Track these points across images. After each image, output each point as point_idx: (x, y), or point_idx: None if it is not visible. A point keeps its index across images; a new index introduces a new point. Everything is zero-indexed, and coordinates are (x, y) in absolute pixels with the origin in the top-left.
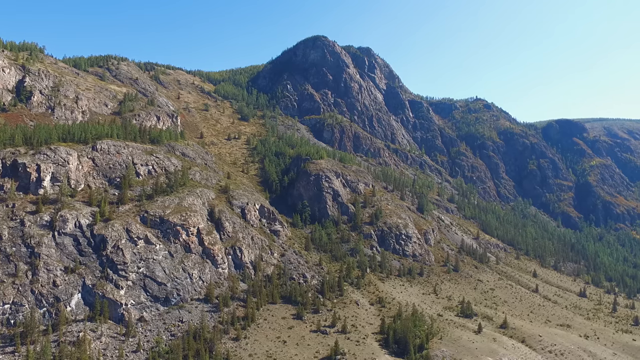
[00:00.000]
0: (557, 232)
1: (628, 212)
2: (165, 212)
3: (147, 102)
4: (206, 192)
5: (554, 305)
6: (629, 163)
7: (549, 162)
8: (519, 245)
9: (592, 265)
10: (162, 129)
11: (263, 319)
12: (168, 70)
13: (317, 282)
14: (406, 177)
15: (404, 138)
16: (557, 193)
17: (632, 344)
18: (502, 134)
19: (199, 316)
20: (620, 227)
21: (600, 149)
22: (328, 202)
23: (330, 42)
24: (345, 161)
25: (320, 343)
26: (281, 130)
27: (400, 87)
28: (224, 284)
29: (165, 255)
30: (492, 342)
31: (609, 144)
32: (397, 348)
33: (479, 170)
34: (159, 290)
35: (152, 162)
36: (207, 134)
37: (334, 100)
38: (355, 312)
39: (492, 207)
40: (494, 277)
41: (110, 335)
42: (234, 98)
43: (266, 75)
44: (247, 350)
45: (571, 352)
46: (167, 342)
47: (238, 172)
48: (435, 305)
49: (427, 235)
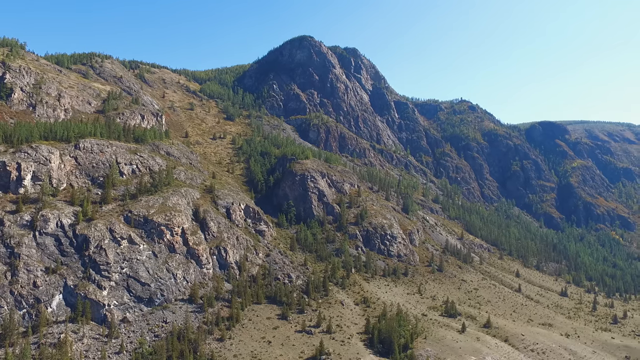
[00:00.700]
0: (540, 233)
1: (608, 213)
2: (149, 211)
3: (132, 101)
4: (191, 191)
5: (536, 304)
6: (609, 165)
7: (532, 164)
8: (503, 246)
9: (573, 265)
10: (146, 128)
11: (248, 320)
12: (153, 68)
13: (302, 282)
14: (391, 177)
15: (390, 139)
16: (540, 194)
17: (611, 342)
18: (486, 135)
19: (183, 317)
20: (600, 228)
21: (581, 150)
22: (313, 202)
23: (316, 42)
24: (330, 161)
25: (305, 343)
26: (267, 130)
27: (386, 87)
28: (209, 284)
29: (149, 256)
30: (476, 342)
31: (590, 146)
32: (382, 348)
33: (463, 171)
34: (143, 291)
35: (136, 161)
36: (192, 134)
37: (320, 100)
38: (340, 312)
39: (476, 208)
40: (478, 277)
41: (92, 336)
42: (220, 97)
43: (252, 75)
44: (231, 351)
45: (552, 350)
46: (151, 343)
47: (223, 171)
48: (420, 305)
49: (411, 235)
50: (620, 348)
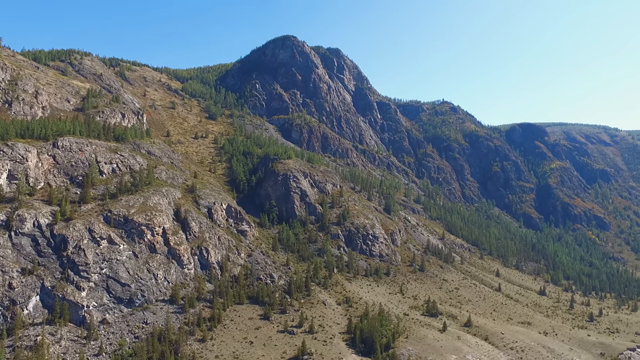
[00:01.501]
0: (519, 233)
1: (585, 213)
2: (129, 211)
3: (112, 99)
4: (172, 191)
5: (516, 303)
6: (586, 166)
7: (512, 165)
8: (483, 246)
9: (552, 265)
10: (127, 126)
11: (230, 320)
12: (134, 66)
13: (284, 283)
14: (373, 177)
15: (372, 139)
16: (520, 194)
17: (587, 339)
18: (467, 136)
19: (164, 317)
20: (577, 228)
21: (560, 152)
22: (296, 202)
23: (299, 42)
24: (313, 161)
25: (287, 343)
26: (249, 130)
27: (369, 88)
28: (190, 284)
29: (129, 256)
30: (457, 340)
31: (568, 148)
32: (364, 347)
33: (444, 171)
34: (123, 292)
35: (117, 160)
36: (174, 133)
37: (302, 100)
38: (323, 312)
39: (457, 208)
40: (459, 277)
41: (70, 338)
42: (202, 96)
43: (235, 74)
44: (213, 352)
45: (531, 348)
46: (131, 344)
47: (205, 171)
48: (402, 304)
49: (393, 235)
50: (596, 345)
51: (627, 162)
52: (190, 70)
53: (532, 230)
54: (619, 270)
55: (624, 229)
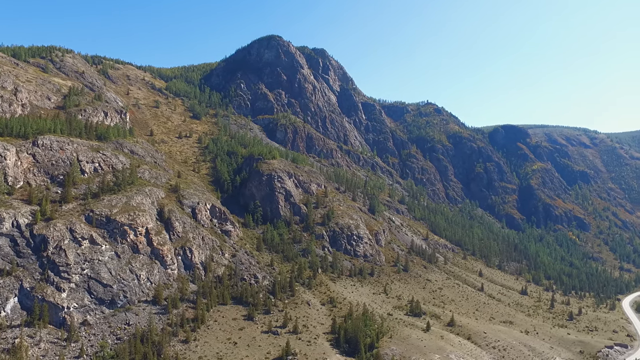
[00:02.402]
0: (502, 233)
1: (565, 214)
2: (112, 211)
3: (94, 97)
4: (155, 191)
5: (498, 303)
6: (566, 168)
7: (494, 166)
8: (466, 246)
9: (533, 265)
10: (109, 125)
11: (213, 321)
12: (117, 64)
13: (268, 283)
14: (358, 178)
15: (357, 140)
16: (502, 195)
17: (567, 337)
18: (451, 137)
19: (147, 318)
20: (558, 228)
21: (541, 153)
22: (280, 203)
23: (285, 42)
24: (297, 162)
25: (271, 344)
26: (234, 130)
27: (354, 89)
28: (173, 285)
29: (111, 256)
30: (440, 340)
31: (549, 150)
32: (348, 347)
33: (428, 172)
34: (105, 293)
35: (99, 159)
36: (158, 132)
37: (287, 100)
38: (307, 313)
39: (441, 209)
40: (442, 277)
41: (50, 340)
42: (186, 96)
43: (219, 74)
44: (196, 353)
45: (513, 347)
46: (113, 346)
47: (189, 171)
48: (386, 304)
49: (378, 236)
50: (575, 343)
51: (606, 164)
52: (175, 69)
53: (515, 231)
54: (598, 269)
55: (603, 230)
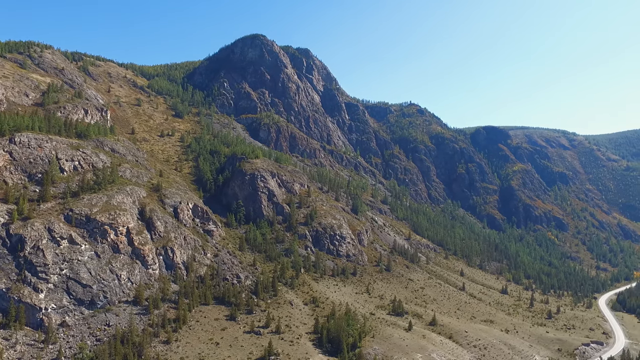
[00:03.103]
0: (483, 233)
1: (545, 214)
2: (92, 210)
3: (74, 94)
4: (137, 190)
5: (479, 302)
6: (546, 169)
7: (476, 167)
8: (448, 246)
9: (513, 264)
10: (90, 123)
11: (195, 321)
12: (98, 61)
13: (251, 283)
14: (341, 178)
15: (340, 140)
16: (484, 196)
17: (546, 335)
18: (433, 138)
19: (128, 319)
20: (538, 229)
21: (522, 155)
22: (263, 202)
23: (269, 41)
24: (281, 161)
25: (254, 344)
26: (217, 129)
27: (337, 89)
28: (155, 285)
29: (91, 256)
30: (422, 339)
31: (530, 151)
32: (331, 347)
33: (411, 172)
34: (84, 293)
35: (79, 157)
36: (139, 130)
37: (271, 99)
38: (289, 312)
39: (423, 209)
40: (424, 277)
41: (26, 342)
42: (169, 94)
43: (202, 72)
44: (178, 354)
45: (493, 345)
46: (92, 347)
47: (171, 170)
48: (368, 304)
49: (360, 235)
50: (554, 341)
51: (584, 165)
52: (157, 66)
53: (495, 231)
54: (576, 269)
55: (581, 230)
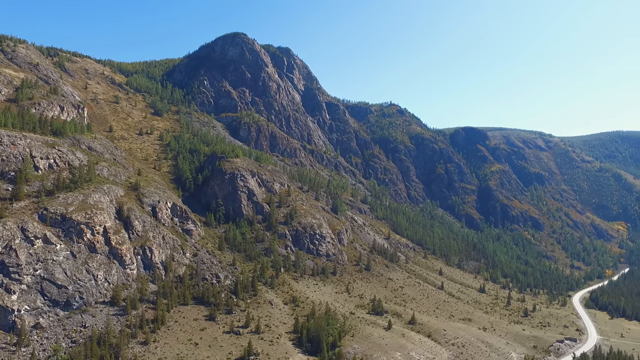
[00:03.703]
0: (461, 233)
1: (522, 214)
2: (67, 209)
3: (50, 91)
4: (114, 188)
5: (457, 301)
6: (523, 170)
7: (455, 167)
8: (427, 245)
9: (491, 263)
10: (66, 120)
11: (174, 321)
12: (74, 57)
13: (230, 283)
14: (321, 177)
15: (320, 139)
16: (462, 196)
17: (522, 333)
18: (413, 138)
19: (104, 320)
20: (515, 228)
21: (500, 155)
22: (243, 202)
23: (249, 40)
24: (261, 160)
25: (233, 344)
26: (196, 127)
27: (318, 89)
28: (132, 285)
29: (67, 256)
30: (401, 338)
31: (507, 152)
32: (311, 346)
33: (391, 172)
34: (59, 294)
35: (54, 155)
36: (117, 128)
37: (251, 98)
38: (269, 312)
39: (403, 209)
40: (404, 276)
41: None
42: (147, 91)
43: (182, 70)
44: (156, 354)
45: (471, 343)
46: (67, 349)
47: (150, 168)
48: (348, 303)
49: (340, 235)
50: (530, 338)
51: (559, 166)
52: (136, 64)
53: (474, 231)
54: (551, 268)
55: (556, 229)
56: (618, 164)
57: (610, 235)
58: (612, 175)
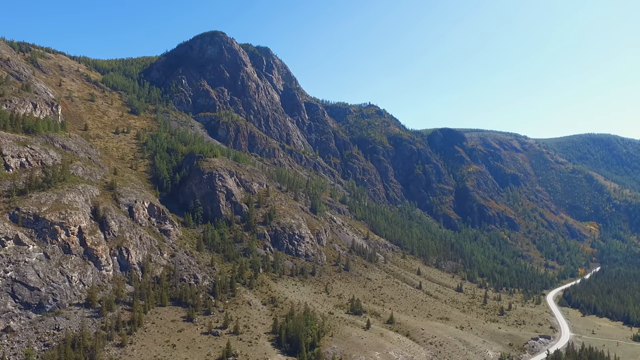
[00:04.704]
0: (439, 233)
1: (498, 214)
2: (40, 209)
3: (22, 87)
4: (90, 188)
5: (435, 300)
6: (499, 171)
7: (433, 168)
8: (405, 245)
9: (468, 263)
10: (39, 118)
11: (151, 323)
12: (48, 53)
13: (208, 283)
14: (300, 178)
15: (299, 139)
16: (440, 196)
17: (498, 331)
18: (392, 139)
19: (79, 322)
20: (491, 228)
21: (477, 157)
22: (221, 202)
23: (228, 38)
24: (239, 160)
25: (211, 345)
26: (174, 126)
27: (297, 89)
28: (109, 286)
29: (40, 257)
30: (380, 337)
31: (484, 153)
32: (290, 347)
33: (369, 173)
34: (31, 296)
35: (26, 153)
36: (93, 127)
37: (230, 98)
38: (248, 313)
39: (382, 209)
40: (382, 276)
41: None
42: (124, 90)
43: (160, 68)
44: (133, 357)
45: (449, 342)
46: (40, 353)
47: (126, 168)
48: (327, 303)
49: (319, 235)
50: (505, 336)
51: (534, 167)
52: (112, 61)
53: (451, 231)
54: (526, 267)
55: (531, 229)
56: (590, 165)
57: (582, 235)
58: (584, 176)
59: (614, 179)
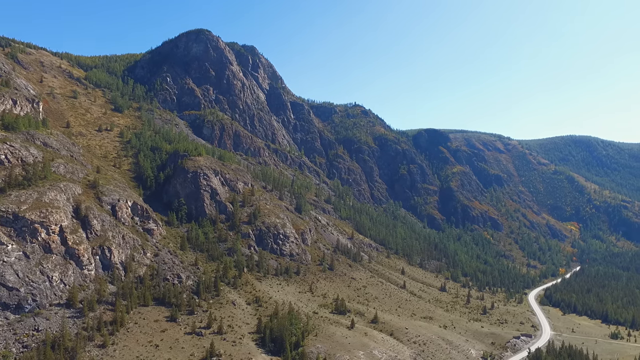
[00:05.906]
0: (423, 233)
1: (481, 214)
2: (20, 207)
3: (1, 83)
4: (71, 186)
5: (419, 299)
6: (483, 171)
7: (418, 168)
8: (390, 245)
9: (452, 263)
10: (19, 114)
11: (134, 323)
12: (29, 49)
13: (192, 283)
14: (285, 177)
15: (285, 139)
16: (424, 196)
17: (481, 330)
18: (377, 139)
19: (59, 323)
20: (475, 228)
21: (461, 157)
22: (206, 201)
23: (214, 37)
24: (224, 159)
25: (195, 345)
26: (158, 124)
27: (283, 88)
28: (90, 286)
29: (19, 257)
30: (364, 337)
31: (468, 154)
32: (274, 347)
33: (355, 173)
34: (10, 297)
35: (5, 151)
36: (75, 124)
37: (215, 96)
38: (232, 313)
39: (366, 209)
40: (367, 275)
41: None
42: (108, 87)
43: (144, 66)
44: (115, 358)
45: (432, 341)
46: (18, 354)
47: (109, 166)
48: (311, 303)
49: (304, 235)
50: (488, 335)
51: (517, 168)
52: (95, 58)
53: (435, 231)
54: (509, 267)
55: (514, 229)
56: (571, 166)
57: (564, 235)
58: (565, 177)
59: (595, 180)
